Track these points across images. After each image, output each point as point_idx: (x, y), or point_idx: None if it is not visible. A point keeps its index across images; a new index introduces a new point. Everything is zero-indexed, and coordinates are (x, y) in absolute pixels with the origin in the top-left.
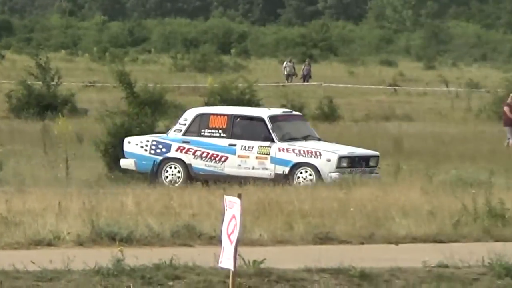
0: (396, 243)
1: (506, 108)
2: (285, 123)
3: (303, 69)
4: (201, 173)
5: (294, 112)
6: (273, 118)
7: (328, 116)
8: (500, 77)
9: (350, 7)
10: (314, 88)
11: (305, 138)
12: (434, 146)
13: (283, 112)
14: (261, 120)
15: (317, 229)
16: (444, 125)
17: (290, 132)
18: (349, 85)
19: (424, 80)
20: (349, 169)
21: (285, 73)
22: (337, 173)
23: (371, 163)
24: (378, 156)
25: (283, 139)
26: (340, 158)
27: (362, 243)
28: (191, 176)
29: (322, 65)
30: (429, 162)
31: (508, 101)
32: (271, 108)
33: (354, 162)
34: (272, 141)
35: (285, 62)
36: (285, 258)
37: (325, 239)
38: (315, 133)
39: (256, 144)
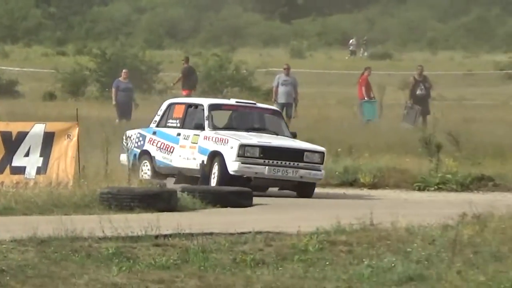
0: None
1: None
2: (230, 113)
3: None
4: (160, 166)
5: (262, 105)
6: (212, 106)
7: None
8: None
9: None
10: None
11: (258, 130)
12: None
13: (236, 102)
14: (201, 108)
15: None
16: None
17: (235, 123)
18: None
19: None
20: (263, 161)
21: None
22: (238, 162)
23: (307, 159)
24: (320, 152)
25: (215, 128)
26: (242, 146)
27: None
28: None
29: None
30: None
31: None
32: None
33: (270, 154)
34: (203, 129)
35: None
36: None
37: None
38: (285, 129)
39: (192, 133)
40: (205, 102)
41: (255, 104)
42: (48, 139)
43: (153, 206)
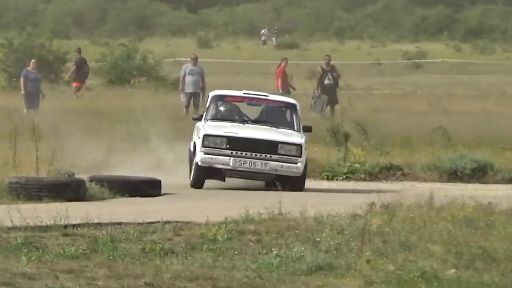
0: None
1: None
2: (232, 104)
3: None
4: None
5: (274, 97)
6: (216, 97)
7: None
8: None
9: None
10: None
11: (258, 122)
12: None
13: (244, 93)
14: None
15: None
16: None
17: (234, 114)
18: None
19: None
20: (230, 152)
21: None
22: (202, 153)
23: (282, 151)
24: (297, 145)
25: (212, 118)
26: (207, 136)
27: None
28: None
29: None
30: None
31: None
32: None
33: (238, 145)
34: (201, 120)
35: None
36: None
37: None
38: (295, 122)
39: (196, 124)
40: (212, 93)
41: (266, 96)
42: None
43: (61, 195)
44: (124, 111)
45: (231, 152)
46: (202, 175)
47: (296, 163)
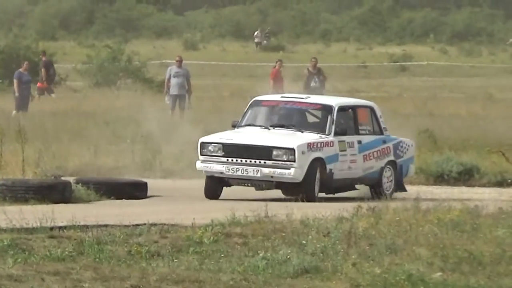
0: None
1: None
2: (269, 109)
3: None
4: None
5: (310, 100)
6: (254, 103)
7: None
8: None
9: None
10: None
11: (284, 126)
12: None
13: (281, 97)
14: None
15: None
16: None
17: (264, 119)
18: None
19: None
20: (226, 159)
21: None
22: (199, 161)
23: (276, 157)
24: (290, 149)
25: (244, 124)
26: (203, 144)
27: None
28: None
29: None
30: None
31: None
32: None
33: (233, 152)
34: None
35: None
36: None
37: None
38: (328, 125)
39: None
40: (254, 98)
41: (302, 98)
42: None
43: (48, 197)
44: (110, 113)
45: (227, 160)
46: (210, 184)
47: (289, 169)
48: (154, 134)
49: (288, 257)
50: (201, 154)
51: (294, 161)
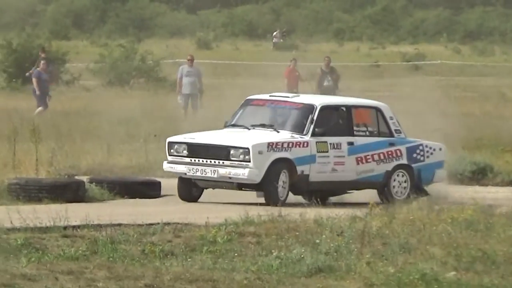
0: None
1: None
2: (257, 108)
3: None
4: None
5: (295, 99)
6: (245, 102)
7: None
8: None
9: None
10: None
11: (265, 126)
12: None
13: (270, 96)
14: None
15: None
16: None
17: (250, 119)
18: None
19: None
20: (189, 159)
21: None
22: (165, 161)
23: (233, 157)
24: (244, 148)
25: (231, 124)
26: (170, 144)
27: None
28: None
29: None
30: None
31: None
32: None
33: (196, 152)
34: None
35: None
36: None
37: None
38: (307, 125)
39: None
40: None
41: (287, 97)
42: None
43: (61, 196)
44: (123, 112)
45: (190, 160)
46: (181, 185)
47: (244, 169)
48: (167, 133)
49: (302, 256)
50: (169, 154)
51: (249, 161)
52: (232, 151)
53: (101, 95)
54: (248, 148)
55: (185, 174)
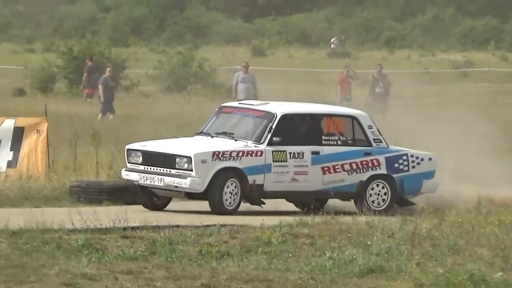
0: None
1: None
2: (227, 116)
3: None
4: None
5: (258, 107)
6: (217, 109)
7: None
8: None
9: None
10: None
11: (227, 134)
12: None
13: (239, 103)
14: None
15: None
16: None
17: (219, 127)
18: None
19: None
20: (143, 167)
21: None
22: (124, 168)
23: (178, 165)
24: (187, 157)
25: (197, 132)
26: (128, 151)
27: None
28: None
29: None
30: None
31: None
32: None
33: (148, 160)
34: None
35: None
36: None
37: None
38: (265, 134)
39: None
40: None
41: (251, 105)
42: (18, 134)
43: (121, 199)
44: (181, 117)
45: (144, 168)
46: (141, 193)
47: (186, 178)
48: None
49: (354, 257)
50: (128, 162)
51: (192, 170)
52: (177, 160)
53: (160, 100)
54: (190, 157)
55: (138, 181)
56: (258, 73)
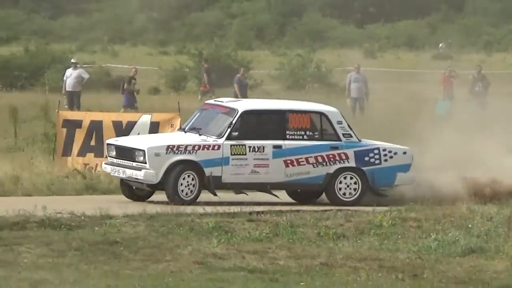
0: None
1: None
2: (205, 112)
3: None
4: None
5: (223, 104)
6: (201, 106)
7: None
8: None
9: None
10: None
11: (196, 130)
12: None
13: (214, 101)
14: None
15: None
16: None
17: (193, 123)
18: None
19: None
20: (116, 160)
21: None
22: (104, 162)
23: (137, 158)
24: (141, 150)
25: (180, 128)
26: (107, 145)
27: None
28: None
29: None
30: None
31: None
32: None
33: (119, 153)
34: None
35: None
36: None
37: None
38: (226, 129)
39: None
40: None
41: (220, 102)
42: (154, 128)
43: None
44: None
45: (116, 161)
46: (121, 185)
47: (141, 170)
48: None
49: (457, 238)
50: (108, 155)
51: (146, 163)
52: (136, 153)
53: (281, 97)
54: (144, 150)
55: (110, 174)
56: (369, 73)
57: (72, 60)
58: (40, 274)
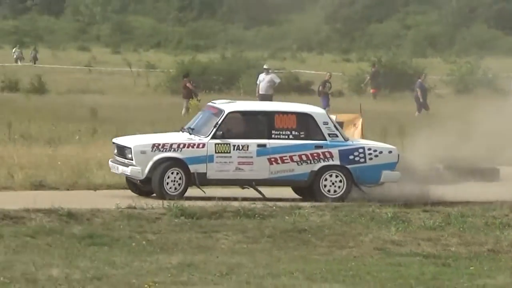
0: (95, 189)
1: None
2: (206, 113)
3: (31, 54)
4: None
5: (215, 104)
6: (205, 107)
7: (38, 90)
8: (171, 60)
9: (52, 4)
10: (27, 68)
11: (191, 129)
12: (122, 114)
13: (212, 102)
14: None
15: (32, 178)
16: (129, 98)
17: (193, 124)
18: (54, 66)
19: (112, 62)
20: (117, 158)
21: (15, 57)
22: (111, 159)
23: (127, 155)
24: (128, 148)
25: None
26: (112, 144)
27: (68, 189)
28: None
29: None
30: (118, 126)
31: None
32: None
33: (118, 151)
34: None
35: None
36: (7, 201)
37: (38, 186)
38: (213, 129)
39: None
40: None
41: (215, 104)
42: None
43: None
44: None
45: (117, 158)
46: (127, 180)
47: (128, 166)
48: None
49: None
50: (114, 154)
51: (132, 160)
52: (125, 151)
53: (451, 100)
54: (130, 148)
55: (111, 170)
56: None
57: (265, 66)
58: (236, 259)
